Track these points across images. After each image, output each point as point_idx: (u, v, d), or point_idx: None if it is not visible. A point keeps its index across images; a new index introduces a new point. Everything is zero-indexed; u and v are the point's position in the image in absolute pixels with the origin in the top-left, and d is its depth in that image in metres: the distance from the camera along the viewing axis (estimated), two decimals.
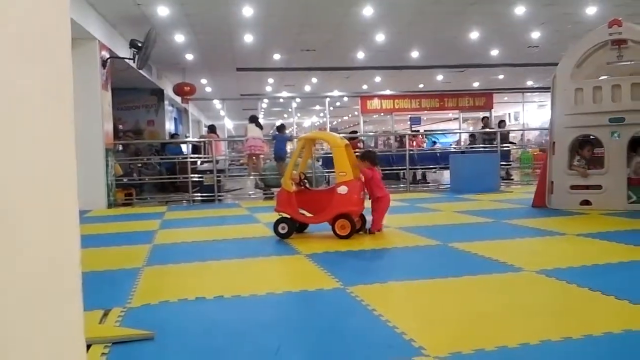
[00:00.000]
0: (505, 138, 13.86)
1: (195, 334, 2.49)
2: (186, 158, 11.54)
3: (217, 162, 10.47)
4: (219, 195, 10.17)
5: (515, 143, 16.59)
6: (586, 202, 6.77)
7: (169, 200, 10.68)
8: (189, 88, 14.26)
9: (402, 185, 11.87)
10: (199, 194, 10.28)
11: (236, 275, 3.77)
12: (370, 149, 6.16)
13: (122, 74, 11.08)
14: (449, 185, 10.94)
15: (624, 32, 6.44)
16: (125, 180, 10.60)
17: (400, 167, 12.17)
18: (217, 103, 22.13)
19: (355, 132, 17.55)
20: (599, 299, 2.86)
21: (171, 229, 6.37)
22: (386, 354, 2.18)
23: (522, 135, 20.83)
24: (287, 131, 13.21)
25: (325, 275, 3.58)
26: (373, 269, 3.93)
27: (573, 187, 6.83)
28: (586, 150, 6.95)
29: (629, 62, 6.62)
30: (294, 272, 3.87)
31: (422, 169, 13.52)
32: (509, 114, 25.67)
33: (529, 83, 20.76)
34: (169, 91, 15.64)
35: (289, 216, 5.26)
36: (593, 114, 6.62)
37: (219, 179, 10.21)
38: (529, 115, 25.20)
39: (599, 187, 6.68)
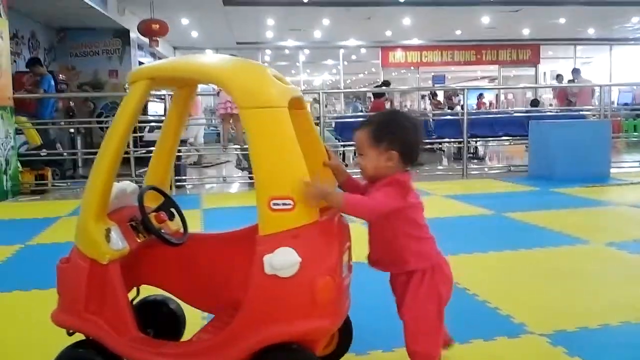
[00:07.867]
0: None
1: None
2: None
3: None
4: (178, 181, 6.68)
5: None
6: None
7: None
8: (157, 26, 10.61)
9: (441, 166, 8.37)
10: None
11: None
12: (397, 110, 2.48)
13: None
14: (520, 166, 7.56)
15: None
16: (45, 153, 7.16)
17: (444, 139, 8.65)
18: (209, 54, 18.45)
19: (387, 83, 12.01)
20: None
21: None
22: None
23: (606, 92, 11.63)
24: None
25: None
26: None
27: None
28: None
29: None
30: None
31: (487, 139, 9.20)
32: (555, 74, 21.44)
33: (591, 32, 16.74)
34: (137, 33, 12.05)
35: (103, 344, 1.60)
36: None
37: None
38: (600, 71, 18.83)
39: None
